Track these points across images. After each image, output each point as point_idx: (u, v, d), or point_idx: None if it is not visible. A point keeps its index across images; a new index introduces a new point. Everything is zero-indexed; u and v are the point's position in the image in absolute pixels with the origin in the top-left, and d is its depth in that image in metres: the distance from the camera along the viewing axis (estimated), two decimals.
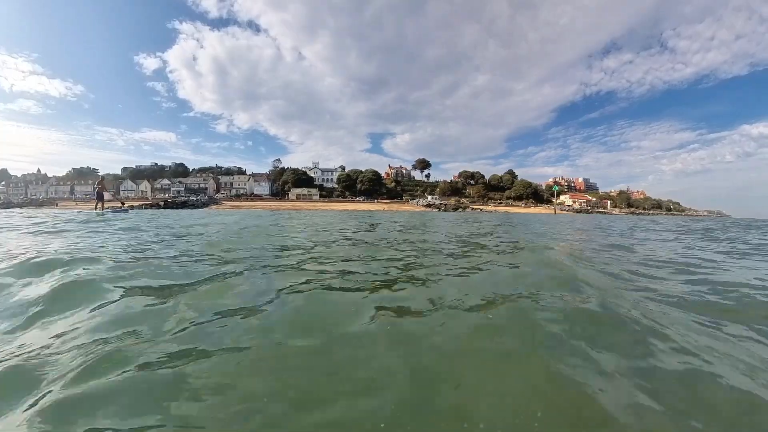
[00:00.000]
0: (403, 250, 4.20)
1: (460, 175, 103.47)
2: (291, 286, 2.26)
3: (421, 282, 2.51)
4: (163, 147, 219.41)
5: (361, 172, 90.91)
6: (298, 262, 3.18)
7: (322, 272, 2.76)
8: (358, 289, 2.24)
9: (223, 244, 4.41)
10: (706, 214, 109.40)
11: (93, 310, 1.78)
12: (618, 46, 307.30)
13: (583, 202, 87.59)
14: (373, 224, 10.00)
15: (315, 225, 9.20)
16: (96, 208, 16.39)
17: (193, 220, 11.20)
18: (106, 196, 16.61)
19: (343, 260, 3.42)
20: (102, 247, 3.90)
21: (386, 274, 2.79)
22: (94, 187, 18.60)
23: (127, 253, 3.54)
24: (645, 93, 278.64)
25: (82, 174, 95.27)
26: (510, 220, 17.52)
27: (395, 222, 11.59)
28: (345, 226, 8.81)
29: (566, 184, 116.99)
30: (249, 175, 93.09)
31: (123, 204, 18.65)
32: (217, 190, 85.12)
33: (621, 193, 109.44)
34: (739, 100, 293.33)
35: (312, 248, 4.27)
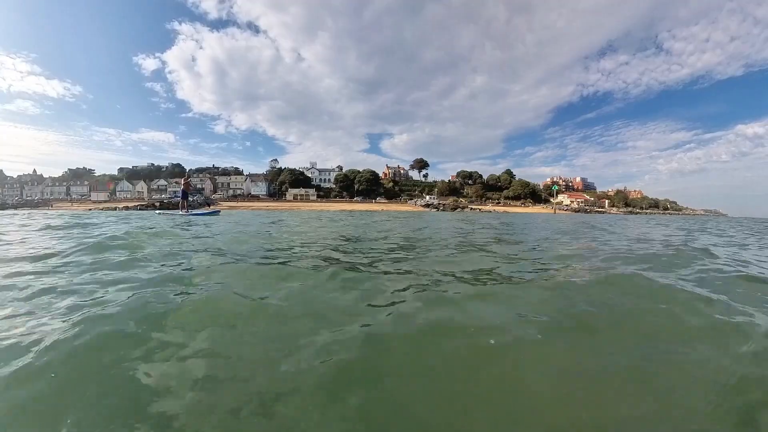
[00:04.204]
0: None
1: (458, 174, 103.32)
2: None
3: None
4: (161, 148, 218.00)
5: (358, 172, 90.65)
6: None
7: None
8: None
9: None
10: (702, 213, 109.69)
11: None
12: (614, 48, 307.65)
13: (581, 202, 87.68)
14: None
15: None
16: (181, 209, 15.24)
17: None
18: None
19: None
20: None
21: None
22: (180, 188, 16.83)
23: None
24: (641, 94, 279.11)
25: (77, 175, 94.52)
26: (515, 223, 17.21)
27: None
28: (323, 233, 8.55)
29: (564, 183, 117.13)
30: (246, 175, 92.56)
31: (209, 205, 16.45)
32: (214, 191, 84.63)
33: (618, 192, 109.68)
34: (734, 100, 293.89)
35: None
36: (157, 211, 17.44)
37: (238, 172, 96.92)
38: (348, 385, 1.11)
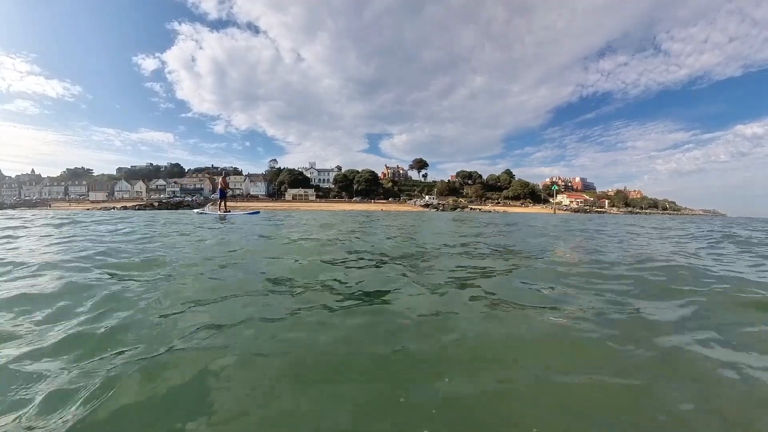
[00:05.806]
0: None
1: (458, 174, 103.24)
2: None
3: None
4: (160, 148, 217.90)
5: (357, 172, 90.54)
6: None
7: None
8: None
9: None
10: (702, 213, 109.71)
11: None
12: (613, 49, 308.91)
13: (581, 202, 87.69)
14: None
15: None
16: (219, 209, 14.49)
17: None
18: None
19: None
20: None
21: None
22: (217, 185, 15.73)
23: None
24: (640, 94, 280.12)
25: (76, 174, 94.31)
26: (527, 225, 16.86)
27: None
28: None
29: (563, 183, 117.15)
30: (245, 175, 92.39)
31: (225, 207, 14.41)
32: (213, 191, 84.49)
33: (618, 192, 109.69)
34: (733, 100, 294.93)
35: None
36: (196, 211, 15.95)
37: (237, 172, 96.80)
38: None
